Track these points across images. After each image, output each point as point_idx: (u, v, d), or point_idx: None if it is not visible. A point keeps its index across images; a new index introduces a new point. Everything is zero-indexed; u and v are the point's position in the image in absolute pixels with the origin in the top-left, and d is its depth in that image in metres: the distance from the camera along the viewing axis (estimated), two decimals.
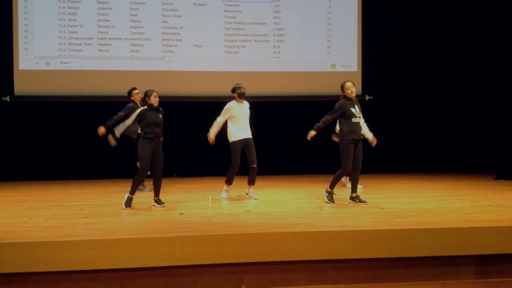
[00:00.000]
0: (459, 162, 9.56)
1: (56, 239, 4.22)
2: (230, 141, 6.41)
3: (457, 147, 9.64)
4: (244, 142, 6.41)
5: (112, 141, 5.93)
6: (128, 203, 5.72)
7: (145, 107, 5.80)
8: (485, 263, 4.53)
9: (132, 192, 5.75)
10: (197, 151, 9.00)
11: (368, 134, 6.23)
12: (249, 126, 6.51)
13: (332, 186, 6.01)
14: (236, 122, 6.40)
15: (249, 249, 4.28)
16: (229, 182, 6.53)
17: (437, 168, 9.43)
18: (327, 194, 6.00)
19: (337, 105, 5.95)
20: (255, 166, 6.45)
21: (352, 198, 6.01)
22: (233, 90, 6.50)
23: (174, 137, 9.13)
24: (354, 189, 6.05)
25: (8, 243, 4.12)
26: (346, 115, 5.85)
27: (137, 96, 7.18)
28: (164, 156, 7.81)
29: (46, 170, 8.72)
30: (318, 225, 4.78)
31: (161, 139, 5.98)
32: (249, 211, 5.58)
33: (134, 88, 7.30)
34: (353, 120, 5.84)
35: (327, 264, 4.39)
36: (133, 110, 6.94)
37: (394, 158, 9.49)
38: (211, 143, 6.38)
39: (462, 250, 4.49)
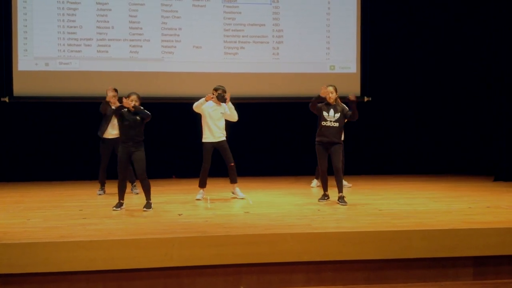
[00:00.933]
0: (457, 164, 9.57)
1: (54, 240, 4.23)
2: (202, 141, 6.57)
3: (456, 148, 9.65)
4: (215, 144, 6.52)
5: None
6: (117, 205, 5.75)
7: (125, 109, 5.74)
8: (483, 265, 4.54)
9: (119, 197, 5.79)
10: (196, 152, 8.98)
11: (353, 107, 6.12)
12: (223, 128, 6.59)
13: (324, 188, 6.26)
14: (209, 123, 6.51)
15: (248, 250, 4.29)
16: (201, 185, 6.56)
17: (436, 170, 9.44)
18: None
19: (320, 104, 6.12)
20: (232, 164, 6.54)
21: (338, 198, 6.05)
22: (215, 89, 6.57)
23: (172, 139, 9.15)
24: (340, 189, 6.08)
25: (7, 244, 4.12)
26: (320, 118, 6.12)
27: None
28: (163, 158, 7.83)
29: (45, 171, 8.73)
30: (316, 226, 4.79)
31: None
32: (247, 212, 5.58)
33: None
34: (323, 123, 6.06)
35: (325, 266, 4.39)
36: None
37: (392, 159, 9.50)
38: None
39: (460, 251, 4.50)
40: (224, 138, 6.58)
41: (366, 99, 9.33)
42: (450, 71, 9.66)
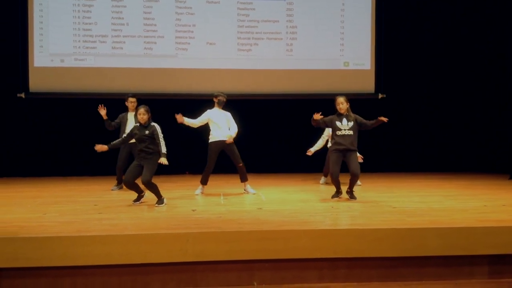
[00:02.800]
0: (473, 162, 9.47)
1: (70, 234, 4.28)
2: (209, 142, 6.76)
3: (471, 146, 9.55)
4: (221, 146, 6.65)
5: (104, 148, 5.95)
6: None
7: (137, 124, 5.96)
8: (499, 263, 4.49)
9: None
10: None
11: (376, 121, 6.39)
12: (227, 130, 6.72)
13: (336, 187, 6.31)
14: (214, 126, 6.75)
15: (261, 246, 4.30)
16: (203, 182, 6.71)
17: (451, 168, 9.36)
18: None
19: (327, 118, 6.30)
20: (241, 165, 6.67)
21: (347, 192, 6.23)
22: (215, 96, 6.81)
23: (186, 135, 9.18)
24: (351, 187, 6.23)
25: (23, 237, 4.18)
26: (333, 129, 6.27)
27: (130, 104, 7.22)
28: (176, 154, 7.88)
29: (61, 166, 8.83)
30: (330, 223, 4.78)
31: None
32: (260, 208, 5.59)
33: (131, 96, 7.31)
34: (338, 133, 6.18)
35: (339, 262, 4.38)
36: (123, 118, 7.10)
37: (407, 157, 9.44)
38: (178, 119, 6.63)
39: (476, 250, 4.46)
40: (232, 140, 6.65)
41: (380, 96, 9.27)
42: (466, 68, 9.54)
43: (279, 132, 9.32)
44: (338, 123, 6.19)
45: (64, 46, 8.64)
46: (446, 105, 9.58)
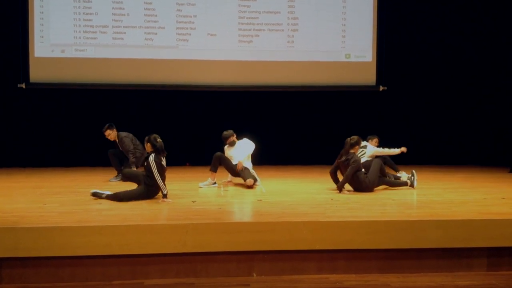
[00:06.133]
0: (473, 155, 9.47)
1: (70, 225, 4.29)
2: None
3: (472, 139, 9.55)
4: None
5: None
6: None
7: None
8: (498, 256, 4.50)
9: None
10: (209, 140, 9.04)
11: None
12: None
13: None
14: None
15: (261, 238, 4.30)
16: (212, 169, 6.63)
17: (451, 161, 9.36)
18: None
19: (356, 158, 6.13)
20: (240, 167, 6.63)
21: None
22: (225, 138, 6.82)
23: (186, 126, 9.19)
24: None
25: (24, 228, 4.19)
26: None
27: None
28: (176, 145, 7.91)
29: (61, 157, 8.85)
30: (330, 215, 4.78)
31: None
32: (260, 200, 5.60)
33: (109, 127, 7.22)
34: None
35: (338, 254, 4.39)
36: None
37: (407, 149, 9.41)
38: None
39: (475, 242, 4.46)
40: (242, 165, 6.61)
41: (381, 88, 9.26)
42: (468, 61, 9.52)
43: (279, 123, 9.33)
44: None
45: (65, 36, 8.63)
46: (446, 98, 9.57)
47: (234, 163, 6.64)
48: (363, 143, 6.96)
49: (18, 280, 4.12)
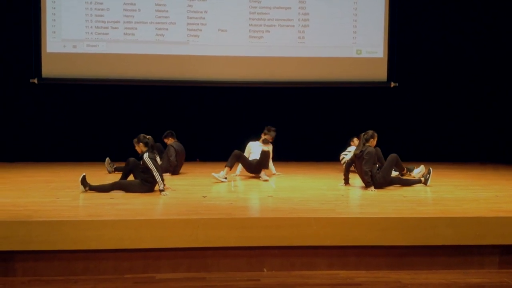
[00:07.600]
0: (485, 152, 9.40)
1: (83, 219, 4.33)
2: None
3: (484, 136, 9.47)
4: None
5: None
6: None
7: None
8: (510, 253, 4.47)
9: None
10: (219, 135, 9.07)
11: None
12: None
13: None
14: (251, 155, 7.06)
15: (271, 233, 4.32)
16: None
17: (463, 158, 9.30)
18: None
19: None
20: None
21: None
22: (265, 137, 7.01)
23: (196, 121, 9.22)
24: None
25: (37, 221, 4.24)
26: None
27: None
28: (187, 140, 7.95)
29: (74, 151, 8.92)
30: (340, 211, 4.78)
31: None
32: (271, 196, 5.61)
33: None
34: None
35: (348, 250, 4.39)
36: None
37: (418, 146, 9.39)
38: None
39: (486, 239, 4.44)
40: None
41: (392, 84, 9.21)
42: (479, 57, 9.44)
43: (289, 119, 9.32)
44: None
45: (77, 32, 8.68)
46: (459, 94, 9.50)
47: (252, 158, 6.79)
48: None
49: (31, 273, 4.17)
